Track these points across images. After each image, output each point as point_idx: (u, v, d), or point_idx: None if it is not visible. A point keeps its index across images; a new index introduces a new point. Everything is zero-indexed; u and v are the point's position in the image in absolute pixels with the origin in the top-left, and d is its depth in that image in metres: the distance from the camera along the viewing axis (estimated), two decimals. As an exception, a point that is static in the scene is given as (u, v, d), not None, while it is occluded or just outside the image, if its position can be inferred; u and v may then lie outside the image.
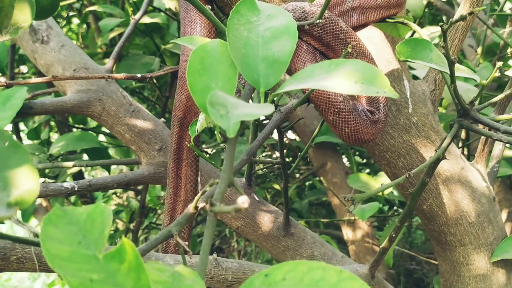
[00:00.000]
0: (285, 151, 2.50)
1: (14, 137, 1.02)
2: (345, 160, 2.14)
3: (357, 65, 0.51)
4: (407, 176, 0.69)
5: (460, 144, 1.64)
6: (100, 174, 3.12)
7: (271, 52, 0.55)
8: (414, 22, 0.84)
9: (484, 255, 1.01)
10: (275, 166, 2.12)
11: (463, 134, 1.66)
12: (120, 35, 1.68)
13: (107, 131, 1.64)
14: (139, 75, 0.81)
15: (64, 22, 2.60)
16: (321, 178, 1.80)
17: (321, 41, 0.73)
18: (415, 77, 1.37)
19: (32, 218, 1.89)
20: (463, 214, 0.98)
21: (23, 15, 0.80)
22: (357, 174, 1.60)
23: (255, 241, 1.13)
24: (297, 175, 2.81)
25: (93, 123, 1.90)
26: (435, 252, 1.09)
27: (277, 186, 2.26)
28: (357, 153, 2.26)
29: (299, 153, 2.32)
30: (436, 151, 0.78)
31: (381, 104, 0.75)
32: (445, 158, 0.81)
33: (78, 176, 1.75)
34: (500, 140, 0.69)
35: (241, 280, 0.90)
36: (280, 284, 0.43)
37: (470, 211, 0.98)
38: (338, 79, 0.50)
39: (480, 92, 0.70)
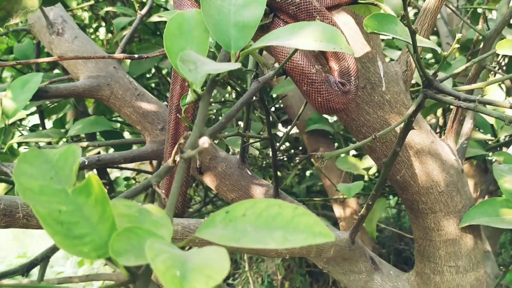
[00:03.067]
0: (287, 144, 2.47)
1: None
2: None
3: (318, 27, 0.49)
4: (373, 137, 0.67)
5: (438, 130, 1.61)
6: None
7: (242, 18, 0.53)
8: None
9: (453, 221, 0.99)
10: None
11: (440, 121, 1.63)
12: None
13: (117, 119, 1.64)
14: (136, 56, 0.79)
15: (91, 30, 2.59)
16: (313, 161, 1.77)
17: (297, 19, 0.71)
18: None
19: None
20: (433, 184, 0.96)
21: (31, 1, 0.79)
22: (345, 157, 1.57)
23: (248, 211, 1.11)
24: (297, 161, 2.78)
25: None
26: (410, 220, 1.06)
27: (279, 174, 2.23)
28: (348, 142, 2.23)
29: (298, 143, 2.30)
30: (405, 122, 0.76)
31: (352, 77, 0.72)
32: (413, 128, 0.78)
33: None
34: (460, 107, 0.67)
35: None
36: (240, 220, 0.41)
37: (439, 181, 0.96)
38: (301, 39, 0.48)
39: (442, 62, 0.68)
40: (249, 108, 0.95)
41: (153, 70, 1.90)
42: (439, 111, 1.59)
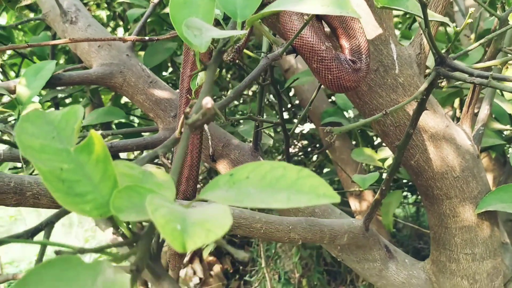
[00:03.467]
0: (305, 141, 2.46)
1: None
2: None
3: (325, -7, 0.49)
4: (384, 113, 0.66)
5: (455, 122, 1.59)
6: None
7: (248, -14, 0.53)
8: None
9: (469, 207, 0.97)
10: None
11: (458, 113, 1.61)
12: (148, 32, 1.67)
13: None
14: (147, 38, 0.79)
15: (109, 29, 2.61)
16: (329, 153, 1.76)
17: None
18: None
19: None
20: (448, 169, 0.94)
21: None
22: (361, 148, 1.56)
23: (261, 199, 1.10)
24: (314, 159, 2.77)
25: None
26: (425, 208, 1.05)
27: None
28: (364, 135, 2.21)
29: (315, 142, 2.29)
30: (417, 100, 0.75)
31: (363, 55, 0.72)
32: (427, 109, 0.77)
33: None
34: (473, 83, 0.66)
35: (242, 225, 0.87)
36: (243, 182, 0.41)
37: (455, 166, 0.94)
38: (308, 3, 0.48)
39: (455, 38, 0.66)
40: (262, 92, 0.94)
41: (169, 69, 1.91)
42: (456, 102, 1.57)
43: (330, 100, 1.99)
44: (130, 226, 0.40)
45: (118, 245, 0.38)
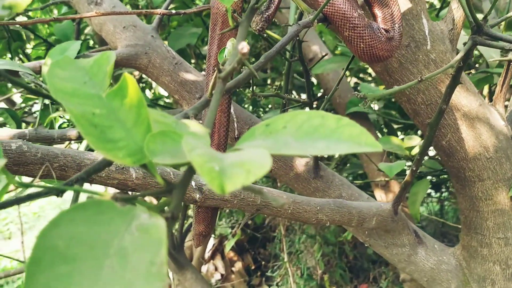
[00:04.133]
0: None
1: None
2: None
3: None
4: (419, 80, 0.64)
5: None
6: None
7: None
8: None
9: (503, 190, 0.94)
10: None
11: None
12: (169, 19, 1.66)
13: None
14: (173, 11, 0.78)
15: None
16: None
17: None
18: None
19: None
20: (481, 150, 0.92)
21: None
22: (388, 136, 1.53)
23: (287, 183, 1.09)
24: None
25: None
26: (455, 191, 1.02)
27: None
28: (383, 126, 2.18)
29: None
30: (451, 74, 0.73)
31: (396, 24, 0.70)
32: (460, 83, 0.75)
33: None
34: (511, 50, 0.63)
35: (269, 205, 0.86)
36: (280, 132, 0.39)
37: (488, 147, 0.92)
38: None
39: (493, 6, 0.64)
40: (289, 69, 0.93)
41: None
42: (486, 90, 1.54)
43: (355, 90, 1.96)
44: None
45: (152, 194, 0.37)
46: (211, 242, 3.62)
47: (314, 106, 1.08)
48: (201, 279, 1.72)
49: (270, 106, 2.29)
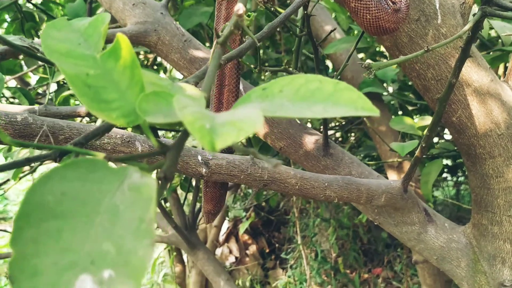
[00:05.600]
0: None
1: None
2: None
3: None
4: (426, 49, 0.63)
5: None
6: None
7: None
8: None
9: (514, 167, 0.93)
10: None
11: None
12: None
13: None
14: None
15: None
16: (366, 121, 1.72)
17: None
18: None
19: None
20: (492, 126, 0.91)
21: None
22: (400, 116, 1.52)
23: (296, 161, 1.08)
24: (352, 138, 2.74)
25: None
26: (466, 169, 1.01)
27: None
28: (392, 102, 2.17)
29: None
30: (460, 46, 0.72)
31: (403, -5, 0.68)
32: (470, 56, 0.74)
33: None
34: (521, 20, 0.62)
35: (276, 180, 0.85)
36: (277, 96, 0.39)
37: (499, 123, 0.90)
38: None
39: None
40: (299, 44, 0.92)
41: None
42: (501, 69, 1.51)
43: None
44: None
45: (147, 156, 0.37)
46: (226, 225, 3.64)
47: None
48: (213, 259, 1.72)
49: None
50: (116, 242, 0.30)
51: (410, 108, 2.18)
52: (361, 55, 2.30)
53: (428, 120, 1.48)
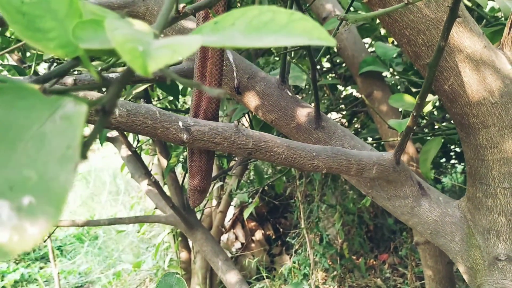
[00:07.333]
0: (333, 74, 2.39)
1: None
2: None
3: None
4: (406, 3, 0.60)
5: None
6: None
7: None
8: None
9: (508, 137, 0.90)
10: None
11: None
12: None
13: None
14: None
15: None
16: (367, 102, 1.69)
17: None
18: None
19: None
20: (485, 94, 0.88)
21: None
22: (400, 94, 1.49)
23: (288, 134, 1.06)
24: (357, 125, 2.70)
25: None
26: (460, 140, 0.98)
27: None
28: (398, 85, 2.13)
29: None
30: (449, 7, 0.69)
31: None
32: (459, 17, 0.71)
33: (145, 96, 1.72)
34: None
35: (262, 149, 0.83)
36: (228, 29, 0.36)
37: (493, 91, 0.87)
38: None
39: None
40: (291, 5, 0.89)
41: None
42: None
43: (369, 49, 1.91)
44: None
45: (88, 88, 0.35)
46: (231, 211, 3.63)
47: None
48: (211, 239, 1.71)
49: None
50: (39, 169, 0.28)
51: (414, 90, 2.15)
52: (366, 40, 2.26)
53: (428, 98, 1.45)
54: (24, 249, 0.25)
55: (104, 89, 1.06)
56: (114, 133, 2.13)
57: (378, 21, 1.88)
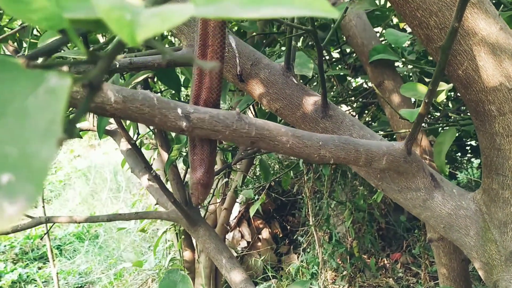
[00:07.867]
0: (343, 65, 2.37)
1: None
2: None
3: None
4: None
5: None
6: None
7: None
8: None
9: (526, 125, 0.89)
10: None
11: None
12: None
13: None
14: None
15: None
16: (378, 92, 1.68)
17: None
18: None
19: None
20: (502, 79, 0.86)
21: None
22: (412, 83, 1.47)
23: (293, 123, 1.05)
24: (368, 118, 2.69)
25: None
26: (475, 129, 0.97)
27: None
28: (410, 75, 2.12)
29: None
30: (461, -16, 0.68)
31: None
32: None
33: (146, 87, 1.72)
34: None
35: (265, 138, 0.82)
36: (225, 2, 0.36)
37: (509, 76, 0.86)
38: None
39: None
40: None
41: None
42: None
43: (380, 37, 1.90)
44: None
45: (74, 64, 0.34)
46: (237, 208, 3.62)
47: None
48: (214, 236, 1.70)
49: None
50: (21, 145, 0.27)
51: (427, 80, 2.13)
52: (378, 29, 2.25)
53: (441, 86, 1.44)
54: (1, 230, 0.25)
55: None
56: (113, 126, 2.13)
57: (389, 6, 1.86)
